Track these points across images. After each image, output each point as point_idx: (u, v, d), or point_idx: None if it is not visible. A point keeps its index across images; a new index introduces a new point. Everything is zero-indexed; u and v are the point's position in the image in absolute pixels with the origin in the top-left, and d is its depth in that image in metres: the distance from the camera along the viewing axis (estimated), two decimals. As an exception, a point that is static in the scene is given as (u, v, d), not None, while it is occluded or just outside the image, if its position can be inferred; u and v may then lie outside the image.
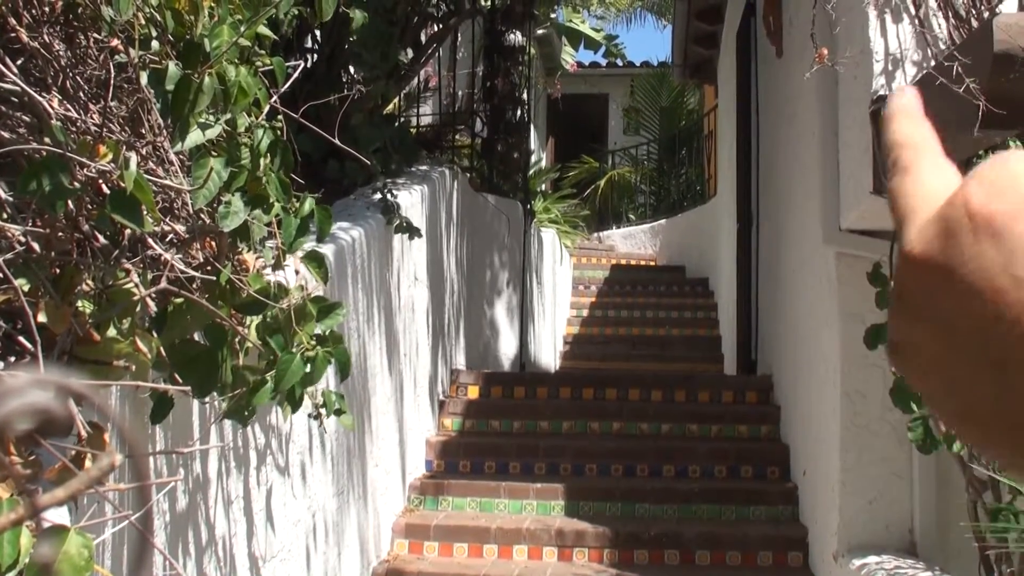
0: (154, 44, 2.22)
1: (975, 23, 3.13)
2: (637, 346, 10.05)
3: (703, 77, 11.91)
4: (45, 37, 2.15)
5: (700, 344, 9.96)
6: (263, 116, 2.45)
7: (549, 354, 10.06)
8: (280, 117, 2.58)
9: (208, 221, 2.39)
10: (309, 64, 5.68)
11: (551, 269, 10.60)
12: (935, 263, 0.43)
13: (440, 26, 7.29)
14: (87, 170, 2.01)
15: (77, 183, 1.98)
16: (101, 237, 2.14)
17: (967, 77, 2.64)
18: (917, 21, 3.38)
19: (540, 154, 15.07)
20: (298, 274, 2.71)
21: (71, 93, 2.21)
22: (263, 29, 2.47)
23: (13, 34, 2.07)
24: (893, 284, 0.46)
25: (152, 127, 2.30)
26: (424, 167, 6.63)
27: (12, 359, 2.04)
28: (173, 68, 2.15)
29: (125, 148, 2.09)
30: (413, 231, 5.27)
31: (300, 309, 2.50)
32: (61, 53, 2.21)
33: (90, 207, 2.11)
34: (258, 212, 2.35)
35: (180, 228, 2.36)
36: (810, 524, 5.18)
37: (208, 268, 2.38)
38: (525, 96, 9.02)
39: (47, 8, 2.18)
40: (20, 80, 2.00)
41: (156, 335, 2.27)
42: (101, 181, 2.06)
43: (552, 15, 14.31)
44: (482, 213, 7.88)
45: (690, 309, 10.95)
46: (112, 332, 2.14)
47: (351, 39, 5.58)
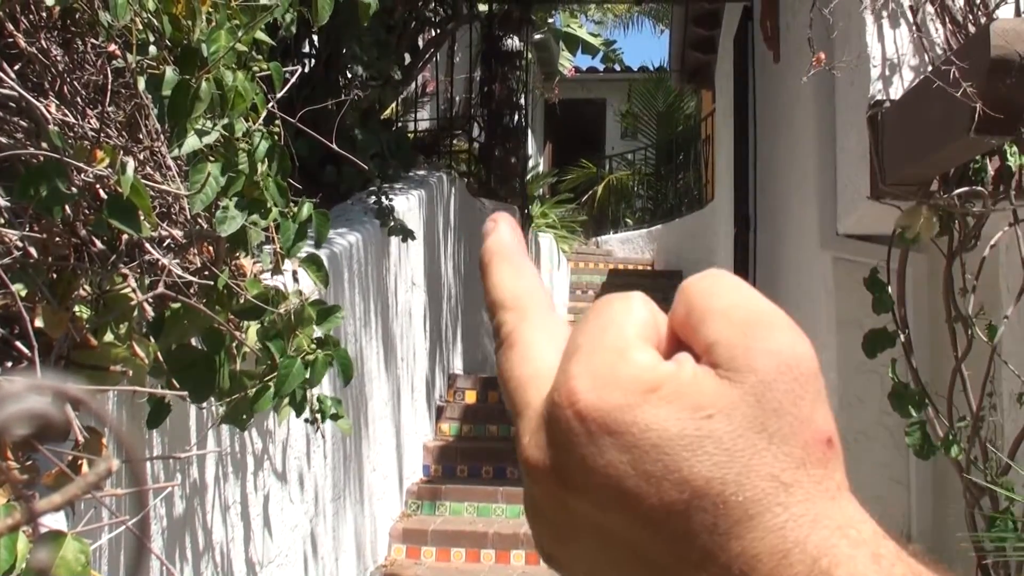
0: (152, 49, 2.21)
1: (972, 28, 3.14)
2: (634, 351, 10.03)
3: (700, 82, 11.92)
4: (43, 42, 2.15)
5: (697, 349, 9.95)
6: (260, 121, 2.44)
7: (546, 359, 10.04)
8: (278, 122, 2.58)
9: (206, 226, 2.39)
10: (307, 69, 5.69)
11: (548, 274, 10.60)
12: (557, 475, 0.36)
13: (437, 31, 7.29)
14: (84, 175, 2.00)
15: (74, 188, 1.98)
16: (98, 242, 2.14)
17: (964, 82, 2.65)
18: (914, 26, 3.39)
19: (538, 159, 15.08)
20: (296, 277, 2.70)
21: (68, 98, 2.20)
22: (260, 34, 2.47)
23: (11, 39, 2.07)
24: (525, 493, 0.39)
25: (149, 132, 2.30)
26: (422, 172, 6.64)
27: (9, 364, 2.04)
28: (170, 73, 2.15)
29: (122, 153, 2.08)
30: (407, 233, 5.26)
31: (299, 313, 2.50)
32: (59, 58, 2.21)
33: (87, 212, 2.11)
34: (255, 217, 2.34)
35: (178, 233, 2.36)
36: (808, 529, 5.17)
37: (206, 273, 2.38)
38: (523, 101, 9.04)
39: (44, 13, 2.18)
40: (18, 85, 1.99)
41: (153, 340, 2.27)
42: (98, 186, 2.06)
43: (550, 20, 14.33)
44: (479, 218, 7.88)
45: (687, 314, 10.93)
46: (109, 337, 2.14)
47: (352, 38, 5.58)
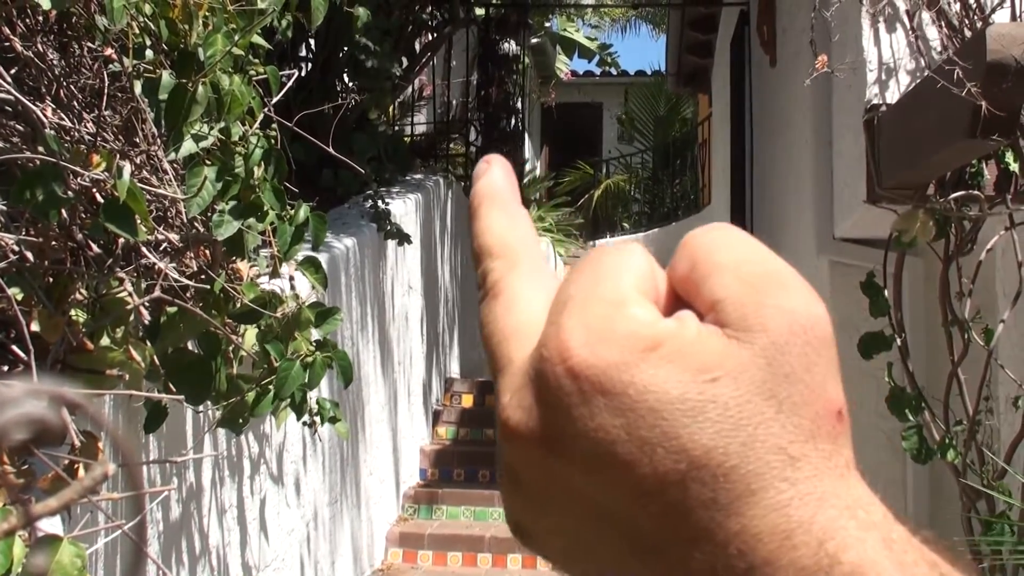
0: (148, 53, 2.21)
1: (968, 33, 3.15)
2: (631, 355, 10.03)
3: (697, 86, 11.94)
4: (39, 46, 2.15)
5: (694, 352, 9.95)
6: (257, 125, 2.44)
7: (543, 363, 10.04)
8: (274, 126, 2.58)
9: (202, 230, 2.39)
10: (303, 73, 5.69)
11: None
12: (542, 438, 0.32)
13: (434, 35, 7.30)
14: (81, 179, 2.00)
15: (71, 192, 1.98)
16: (95, 246, 2.14)
17: (967, 83, 2.65)
18: (911, 31, 3.39)
19: (534, 163, 15.10)
20: (292, 281, 2.70)
21: (65, 102, 2.20)
22: (257, 38, 2.47)
23: (7, 43, 2.07)
24: (500, 458, 0.35)
25: (146, 136, 2.30)
26: (418, 176, 6.64)
27: (6, 368, 2.04)
28: (167, 77, 2.15)
29: (119, 157, 2.08)
30: (403, 237, 5.26)
31: (297, 316, 2.50)
32: (55, 62, 2.21)
33: (84, 216, 2.11)
34: (252, 220, 2.34)
35: (174, 237, 2.36)
36: (804, 533, 5.17)
37: (202, 277, 2.37)
38: (519, 105, 9.04)
39: (41, 17, 2.18)
40: (14, 89, 1.99)
41: (150, 344, 2.27)
42: (95, 190, 2.06)
43: (546, 24, 14.34)
44: (476, 222, 7.88)
45: (684, 318, 10.94)
46: (106, 341, 2.14)
47: (354, 39, 5.57)
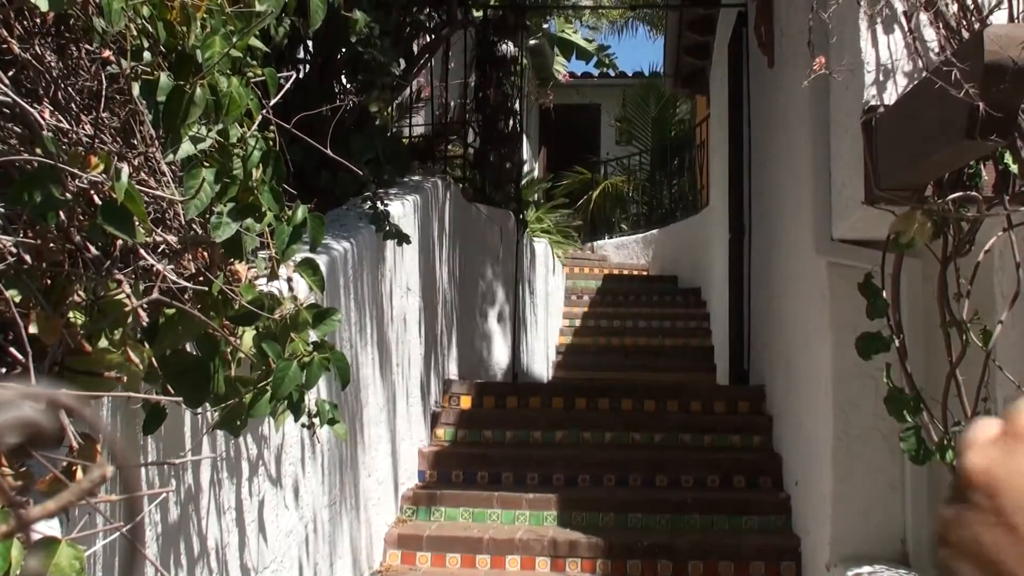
0: (146, 55, 2.21)
1: (966, 34, 3.15)
2: (630, 356, 10.05)
3: (695, 87, 11.95)
4: (37, 48, 2.15)
5: (693, 354, 9.97)
6: (255, 127, 2.44)
7: (542, 364, 10.05)
8: (272, 127, 2.58)
9: (200, 231, 2.39)
10: (301, 75, 5.69)
11: (544, 279, 10.60)
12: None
13: (432, 36, 7.30)
14: (79, 181, 2.00)
15: (68, 194, 1.98)
16: (93, 248, 2.13)
17: (960, 86, 2.65)
18: (909, 32, 3.39)
19: (532, 164, 15.10)
20: (291, 283, 2.70)
21: (63, 104, 2.20)
22: (255, 41, 2.47)
23: (5, 45, 2.07)
24: (951, 525, 0.49)
25: (144, 138, 2.30)
26: (416, 177, 6.64)
27: (3, 370, 2.04)
28: (165, 79, 2.15)
29: (117, 159, 2.08)
30: (403, 238, 5.26)
31: (294, 317, 2.50)
32: (53, 64, 2.21)
33: (82, 218, 2.11)
34: (250, 222, 2.34)
35: (172, 239, 2.35)
36: (803, 534, 5.17)
37: (200, 279, 2.37)
38: (517, 106, 9.04)
39: (39, 19, 2.18)
40: (11, 91, 1.99)
41: (148, 346, 2.26)
42: (93, 192, 2.06)
43: (544, 26, 14.34)
44: (475, 223, 7.88)
45: (683, 319, 10.96)
46: (104, 343, 2.14)
47: (352, 40, 5.57)
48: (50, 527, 1.87)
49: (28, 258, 2.03)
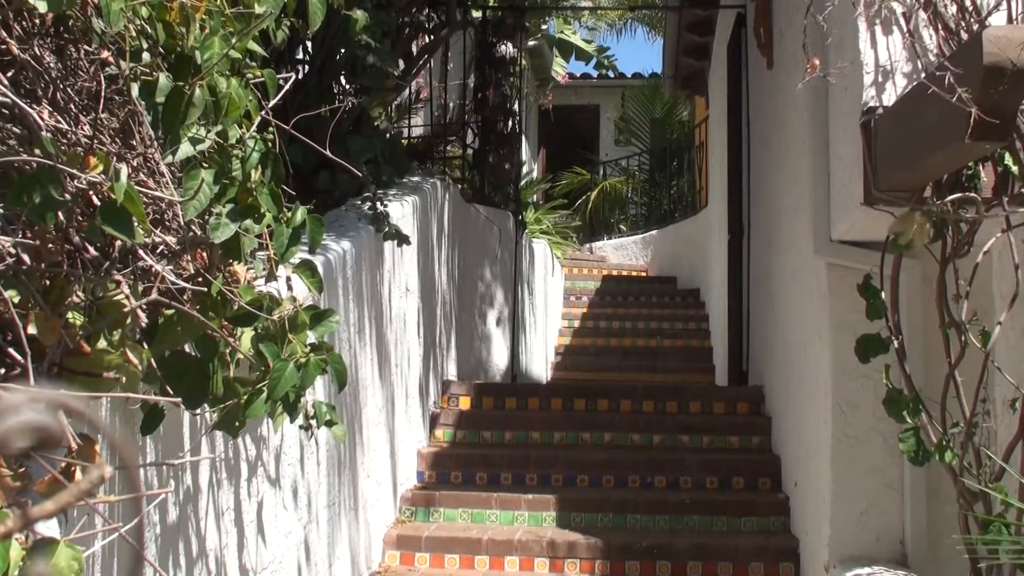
0: (145, 56, 2.21)
1: (964, 35, 3.15)
2: (628, 357, 10.06)
3: (694, 88, 11.95)
4: (36, 49, 2.15)
5: (691, 355, 9.97)
6: (254, 128, 2.44)
7: (540, 365, 10.05)
8: (271, 128, 2.58)
9: (199, 232, 2.39)
10: (300, 76, 5.68)
11: (542, 280, 10.60)
12: None
13: (431, 37, 7.30)
14: (78, 182, 2.00)
15: (68, 195, 1.97)
16: (92, 248, 2.13)
17: (958, 88, 2.65)
18: (907, 33, 3.39)
19: (532, 165, 15.11)
20: (289, 284, 2.70)
21: (62, 105, 2.20)
22: (254, 44, 2.47)
23: (3, 46, 2.06)
24: None
25: (143, 139, 2.30)
26: (415, 178, 6.63)
27: (2, 371, 2.03)
28: (164, 80, 2.15)
29: (116, 160, 2.08)
30: (402, 238, 5.26)
31: (293, 318, 2.50)
32: (52, 65, 2.20)
33: (81, 219, 2.11)
34: (249, 223, 2.34)
35: (171, 239, 2.35)
36: (801, 535, 5.17)
37: (199, 279, 2.37)
38: (516, 107, 9.04)
39: (38, 20, 2.18)
40: (11, 92, 1.99)
41: (147, 347, 2.26)
42: (92, 193, 2.06)
43: (543, 27, 14.35)
44: (474, 224, 7.88)
45: (681, 320, 10.97)
46: (102, 344, 2.14)
47: (352, 41, 5.56)
48: (49, 528, 1.87)
49: (27, 259, 2.02)
